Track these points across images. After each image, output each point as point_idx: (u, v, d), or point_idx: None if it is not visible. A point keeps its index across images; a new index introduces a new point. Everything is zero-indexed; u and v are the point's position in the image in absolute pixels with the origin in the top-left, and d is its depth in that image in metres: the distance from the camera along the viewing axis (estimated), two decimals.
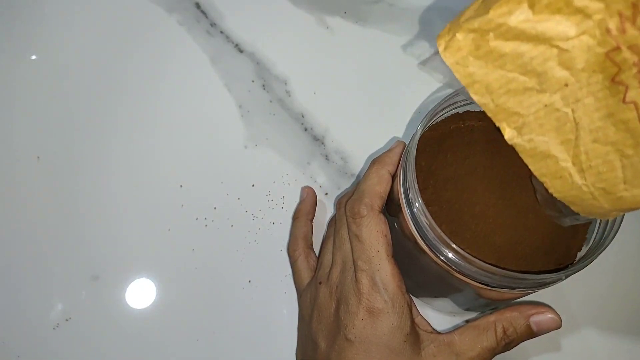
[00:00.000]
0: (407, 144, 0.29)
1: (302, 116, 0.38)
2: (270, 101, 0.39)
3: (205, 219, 0.35)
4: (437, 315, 0.33)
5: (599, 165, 0.20)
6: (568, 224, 0.25)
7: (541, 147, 0.21)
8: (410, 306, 0.28)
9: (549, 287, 0.26)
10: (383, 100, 0.39)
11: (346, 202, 0.30)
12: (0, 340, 0.32)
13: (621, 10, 0.17)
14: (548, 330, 0.28)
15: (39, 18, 0.41)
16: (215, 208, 0.36)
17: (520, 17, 0.19)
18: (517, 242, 0.26)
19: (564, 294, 0.34)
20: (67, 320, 0.33)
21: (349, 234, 0.29)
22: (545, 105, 0.20)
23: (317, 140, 0.38)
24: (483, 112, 0.28)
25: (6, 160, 0.36)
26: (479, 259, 0.24)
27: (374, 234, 0.28)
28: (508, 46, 0.19)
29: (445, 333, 0.29)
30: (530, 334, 0.28)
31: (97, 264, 0.34)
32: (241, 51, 0.40)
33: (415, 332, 0.28)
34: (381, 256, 0.27)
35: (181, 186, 0.36)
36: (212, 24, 0.41)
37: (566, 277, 0.24)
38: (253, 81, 0.39)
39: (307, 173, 0.37)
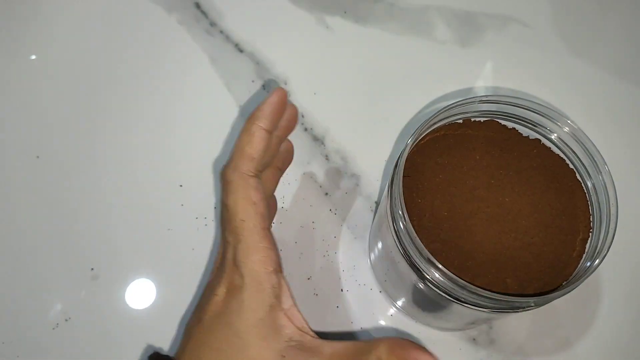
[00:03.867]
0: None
1: (302, 116, 0.38)
2: None
3: (205, 218, 0.35)
4: (440, 333, 0.33)
5: None
6: None
7: None
8: (277, 290, 0.24)
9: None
10: (383, 100, 0.39)
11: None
12: (0, 339, 0.32)
13: None
14: None
15: (39, 18, 0.41)
16: (215, 208, 0.36)
17: None
18: (518, 261, 0.25)
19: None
20: (66, 320, 0.33)
21: (221, 204, 0.26)
22: None
23: (317, 140, 0.38)
24: (477, 122, 0.28)
25: (6, 159, 0.36)
26: (470, 282, 0.23)
27: (239, 202, 0.24)
28: None
29: (317, 338, 0.24)
30: None
31: (97, 263, 0.34)
32: (241, 51, 0.40)
33: (275, 322, 0.24)
34: (245, 226, 0.24)
35: (181, 186, 0.36)
36: (212, 24, 0.41)
37: (540, 304, 0.24)
38: (253, 81, 0.39)
39: (307, 173, 0.37)
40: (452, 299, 0.24)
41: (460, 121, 0.28)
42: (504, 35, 0.42)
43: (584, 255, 0.26)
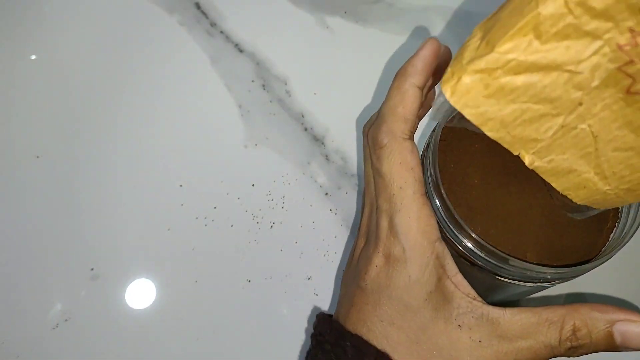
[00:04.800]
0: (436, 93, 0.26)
1: (302, 116, 0.38)
2: (270, 101, 0.39)
3: (205, 218, 0.35)
4: None
5: (621, 170, 0.20)
6: (584, 217, 0.25)
7: (562, 165, 0.21)
8: (443, 259, 0.23)
9: (565, 283, 0.26)
10: (383, 100, 0.39)
11: (368, 130, 0.25)
12: (0, 339, 0.32)
13: (632, 27, 0.17)
14: (638, 347, 0.21)
15: (39, 18, 0.41)
16: (215, 208, 0.36)
17: (528, 50, 0.18)
18: (543, 238, 0.25)
19: (579, 288, 0.34)
20: (66, 320, 0.32)
21: (371, 168, 0.24)
22: (562, 126, 0.20)
23: (317, 140, 0.38)
24: None
25: (6, 159, 0.36)
26: (500, 250, 0.23)
27: (395, 167, 0.23)
28: (519, 80, 0.19)
29: (494, 306, 0.23)
30: (610, 344, 0.22)
31: (97, 263, 0.34)
32: (241, 51, 0.40)
33: (444, 292, 0.23)
34: (404, 194, 0.23)
35: (181, 186, 0.36)
36: (212, 24, 0.41)
37: (582, 273, 0.24)
38: (253, 81, 0.39)
39: (307, 173, 0.37)
40: (468, 261, 0.24)
41: None
42: None
43: (607, 243, 0.26)
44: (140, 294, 0.33)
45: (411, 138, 0.24)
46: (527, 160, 0.21)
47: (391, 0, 0.42)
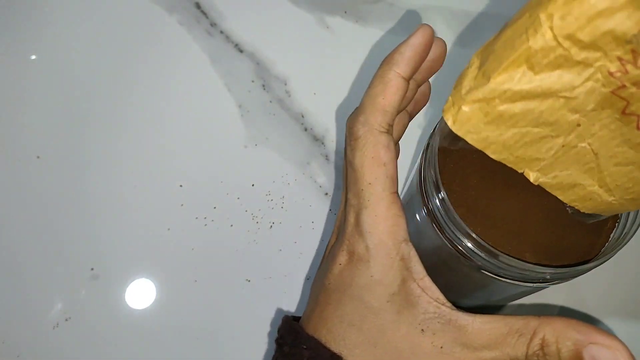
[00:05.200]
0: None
1: (302, 116, 0.38)
2: (270, 101, 0.39)
3: (205, 218, 0.35)
4: None
5: (625, 182, 0.21)
6: (591, 221, 0.26)
7: (567, 180, 0.22)
8: (409, 261, 0.22)
9: (565, 283, 0.26)
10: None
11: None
12: (0, 339, 0.32)
13: (620, 56, 0.18)
14: None
15: (39, 18, 0.41)
16: (215, 208, 0.36)
17: (523, 80, 0.19)
18: (543, 238, 0.25)
19: (579, 289, 0.34)
20: (66, 319, 0.33)
21: (345, 160, 0.23)
22: (563, 146, 0.21)
23: (317, 140, 0.38)
24: None
25: (6, 159, 0.36)
26: (500, 250, 0.23)
27: (367, 161, 0.22)
28: (516, 107, 0.20)
29: (464, 312, 0.22)
30: None
31: (97, 263, 0.34)
32: (241, 51, 0.40)
33: (409, 295, 0.22)
34: (373, 190, 0.21)
35: (181, 186, 0.36)
36: (212, 24, 0.41)
37: (582, 273, 0.24)
38: (253, 81, 0.39)
39: (307, 173, 0.37)
40: (467, 260, 0.25)
41: None
42: None
43: (607, 243, 0.26)
44: (140, 294, 0.33)
45: (389, 132, 0.22)
46: (532, 177, 0.22)
47: (391, 0, 0.42)
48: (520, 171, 0.22)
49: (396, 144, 0.27)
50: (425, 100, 0.28)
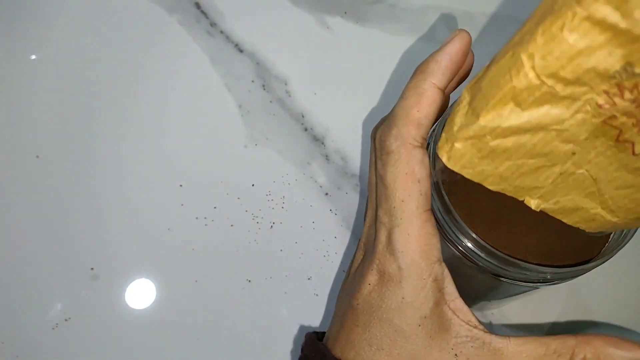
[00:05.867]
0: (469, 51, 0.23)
1: (302, 116, 0.38)
2: (270, 101, 0.39)
3: (205, 218, 0.35)
4: None
5: (627, 203, 0.21)
6: (604, 234, 0.26)
7: (569, 205, 0.22)
8: (441, 282, 0.21)
9: (565, 283, 0.26)
10: (383, 100, 0.39)
11: (376, 132, 0.23)
12: (0, 339, 0.32)
13: (606, 89, 0.17)
14: None
15: (39, 18, 0.41)
16: (215, 208, 0.36)
17: (512, 117, 0.19)
18: (543, 238, 0.25)
19: (579, 290, 0.34)
20: (66, 320, 0.32)
21: (376, 175, 0.22)
22: (561, 174, 0.21)
23: (317, 140, 0.38)
24: None
25: (5, 159, 0.36)
26: (500, 251, 0.23)
27: (400, 177, 0.21)
28: (508, 141, 0.19)
29: (496, 335, 0.21)
30: None
31: (97, 263, 0.34)
32: (241, 51, 0.40)
33: (441, 318, 0.21)
34: (406, 208, 0.20)
35: (181, 186, 0.36)
36: (212, 24, 0.41)
37: (582, 273, 0.24)
38: (253, 81, 0.39)
39: (307, 173, 0.37)
40: (468, 260, 0.25)
41: None
42: (504, 35, 0.42)
43: (607, 243, 0.26)
44: (140, 294, 0.33)
45: (423, 146, 0.21)
46: (533, 204, 0.22)
47: (392, 1, 0.42)
48: (520, 199, 0.22)
49: None
50: (447, 105, 0.27)
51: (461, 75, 0.23)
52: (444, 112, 0.24)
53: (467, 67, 0.23)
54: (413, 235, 0.21)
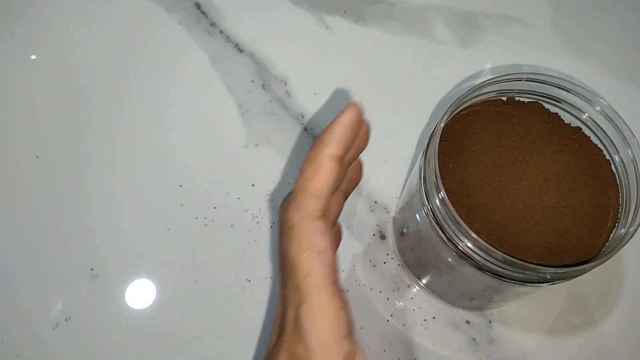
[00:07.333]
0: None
1: (302, 116, 0.38)
2: (270, 101, 0.39)
3: (205, 218, 0.35)
4: (441, 332, 0.33)
5: None
6: None
7: None
8: (352, 358, 0.20)
9: (565, 283, 0.26)
10: (383, 100, 0.39)
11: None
12: (0, 339, 0.32)
13: None
14: None
15: (39, 18, 0.41)
16: (215, 208, 0.36)
17: None
18: (543, 238, 0.26)
19: (579, 289, 0.34)
20: (66, 320, 0.32)
21: (280, 250, 0.22)
22: None
23: None
24: (520, 102, 0.29)
25: (5, 159, 0.36)
26: (500, 250, 0.23)
27: (303, 251, 0.20)
28: None
29: None
30: None
31: (97, 263, 0.34)
32: (241, 51, 0.40)
33: None
34: (310, 282, 0.20)
35: (181, 186, 0.36)
36: (212, 24, 0.41)
37: (582, 273, 0.24)
38: (253, 81, 0.39)
39: None
40: (467, 260, 0.25)
41: (504, 99, 0.29)
42: (504, 35, 0.42)
43: (607, 243, 0.26)
44: (140, 294, 0.33)
45: (324, 217, 0.21)
46: None
47: (392, 0, 0.42)
48: None
49: (334, 225, 0.26)
50: (359, 177, 0.27)
51: (359, 145, 0.24)
52: (342, 180, 0.24)
53: (364, 136, 0.24)
54: (320, 311, 0.20)
